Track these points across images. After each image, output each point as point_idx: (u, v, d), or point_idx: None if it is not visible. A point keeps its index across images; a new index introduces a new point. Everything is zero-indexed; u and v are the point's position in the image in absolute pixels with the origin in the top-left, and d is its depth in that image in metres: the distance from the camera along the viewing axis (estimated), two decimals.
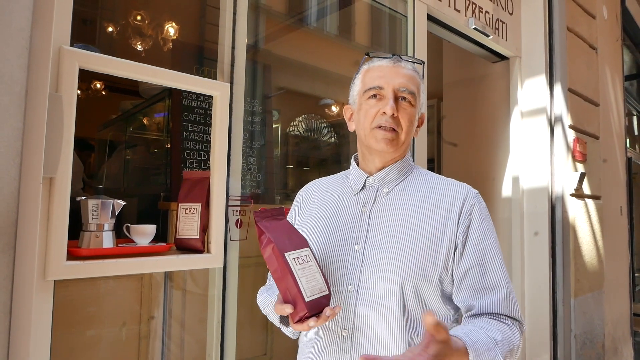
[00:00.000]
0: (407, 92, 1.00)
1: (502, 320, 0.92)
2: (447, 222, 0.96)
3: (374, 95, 1.01)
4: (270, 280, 1.21)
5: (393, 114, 0.97)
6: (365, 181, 1.05)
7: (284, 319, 1.02)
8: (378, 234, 0.98)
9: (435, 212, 0.97)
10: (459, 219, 0.96)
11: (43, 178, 1.01)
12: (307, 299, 0.80)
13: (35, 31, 1.06)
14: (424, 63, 1.09)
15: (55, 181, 1.04)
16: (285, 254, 0.82)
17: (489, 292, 0.93)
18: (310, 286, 0.81)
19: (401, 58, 1.04)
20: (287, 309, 0.81)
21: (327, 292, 0.83)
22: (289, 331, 1.05)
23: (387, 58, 1.04)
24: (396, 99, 0.99)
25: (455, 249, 0.95)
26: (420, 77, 1.06)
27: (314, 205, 1.12)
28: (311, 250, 0.87)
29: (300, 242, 0.87)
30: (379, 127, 0.98)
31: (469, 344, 0.81)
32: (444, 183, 1.03)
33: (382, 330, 0.93)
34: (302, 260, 0.83)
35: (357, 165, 1.10)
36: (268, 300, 1.07)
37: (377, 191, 1.03)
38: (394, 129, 0.98)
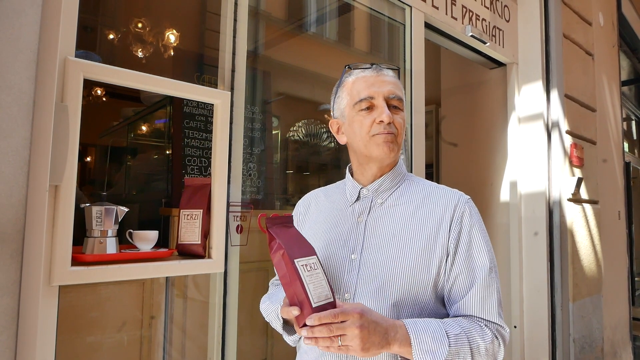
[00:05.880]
0: (396, 98, 1.03)
1: (475, 321, 0.94)
2: (440, 230, 0.98)
3: (367, 107, 1.03)
4: (272, 288, 1.22)
5: (389, 122, 1.00)
6: (359, 192, 1.08)
7: (287, 327, 1.03)
8: (373, 243, 1.00)
9: (428, 221, 0.99)
10: (450, 226, 0.98)
11: (49, 186, 1.03)
12: (314, 305, 0.81)
13: (42, 44, 1.09)
14: (399, 69, 1.13)
15: (61, 189, 1.06)
16: (295, 261, 0.84)
17: (469, 294, 0.96)
18: (317, 292, 0.83)
19: (381, 67, 1.06)
20: (294, 312, 0.83)
21: (332, 300, 0.85)
22: (290, 339, 1.06)
23: (368, 68, 1.06)
24: (388, 106, 1.02)
25: (447, 256, 0.97)
26: (400, 82, 1.10)
27: (313, 216, 1.14)
28: (318, 259, 0.89)
29: (308, 250, 0.89)
30: (377, 134, 1.01)
31: (412, 329, 0.86)
32: (437, 191, 1.05)
33: None
34: (310, 267, 0.85)
35: (352, 176, 1.11)
36: (271, 307, 1.09)
37: (371, 201, 1.06)
38: (392, 134, 1.01)
